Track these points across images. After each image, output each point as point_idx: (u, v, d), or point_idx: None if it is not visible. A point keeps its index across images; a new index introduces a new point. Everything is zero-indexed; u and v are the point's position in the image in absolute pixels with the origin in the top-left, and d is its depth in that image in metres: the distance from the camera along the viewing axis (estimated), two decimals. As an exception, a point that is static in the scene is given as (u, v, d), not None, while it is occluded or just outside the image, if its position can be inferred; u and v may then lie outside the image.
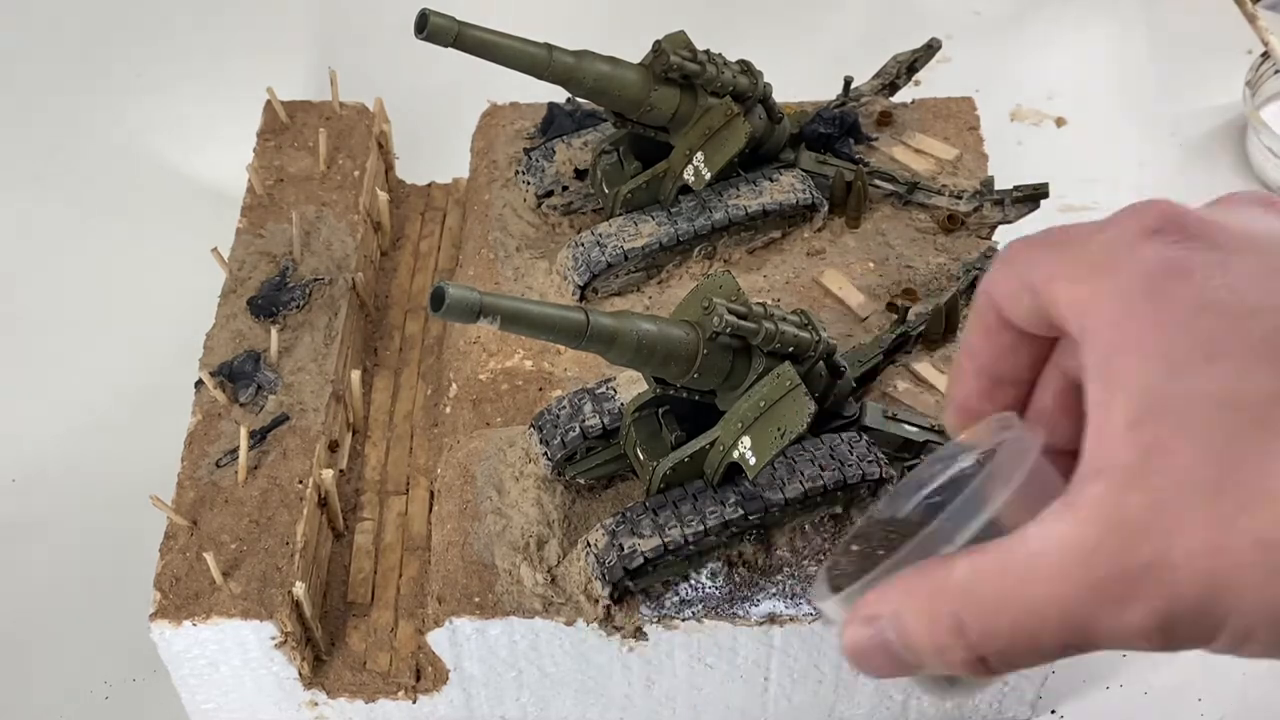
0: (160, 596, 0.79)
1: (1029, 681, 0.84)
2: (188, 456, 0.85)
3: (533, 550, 0.79)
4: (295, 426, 0.86)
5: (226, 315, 0.92)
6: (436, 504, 0.83)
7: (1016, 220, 0.94)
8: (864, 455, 0.79)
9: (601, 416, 0.80)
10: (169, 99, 1.29)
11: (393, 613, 0.85)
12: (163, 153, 1.25)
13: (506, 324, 0.65)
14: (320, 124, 1.03)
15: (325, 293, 0.93)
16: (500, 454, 0.83)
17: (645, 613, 0.78)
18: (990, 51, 1.32)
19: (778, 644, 0.80)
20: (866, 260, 0.93)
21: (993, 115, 1.16)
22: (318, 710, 0.85)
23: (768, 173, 0.94)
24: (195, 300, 0.99)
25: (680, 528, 0.75)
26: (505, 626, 0.78)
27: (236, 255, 0.95)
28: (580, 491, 0.82)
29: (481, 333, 0.90)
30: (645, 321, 0.71)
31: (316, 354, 0.90)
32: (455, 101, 1.18)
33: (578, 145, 0.96)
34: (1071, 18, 1.34)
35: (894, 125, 1.00)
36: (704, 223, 0.91)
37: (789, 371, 0.73)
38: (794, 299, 0.91)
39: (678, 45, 0.88)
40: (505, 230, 0.95)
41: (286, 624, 0.78)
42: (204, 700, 0.85)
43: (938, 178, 0.97)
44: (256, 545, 0.81)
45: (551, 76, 0.85)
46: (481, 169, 1.00)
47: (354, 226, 0.97)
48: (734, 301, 0.74)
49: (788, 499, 0.77)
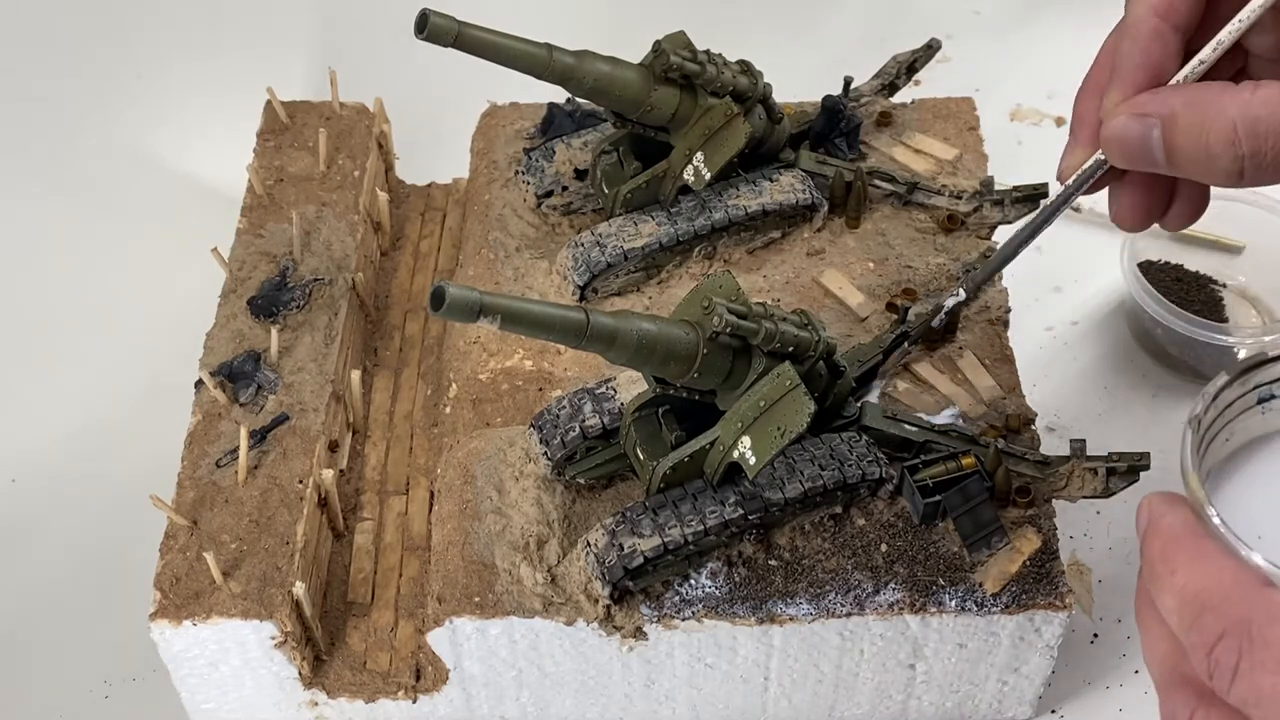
0: (160, 596, 0.79)
1: (1029, 682, 0.84)
2: (188, 456, 0.85)
3: (533, 550, 0.79)
4: (295, 426, 0.86)
5: (226, 315, 0.92)
6: (436, 504, 0.83)
7: (1016, 220, 0.94)
8: (864, 455, 0.79)
9: (601, 416, 0.80)
10: (169, 99, 1.29)
11: (393, 613, 0.85)
12: (163, 153, 1.25)
13: (506, 324, 0.65)
14: (320, 124, 1.03)
15: (325, 293, 0.93)
16: (500, 454, 0.83)
17: (645, 613, 0.78)
18: (990, 51, 1.32)
19: (778, 644, 0.80)
20: (866, 260, 0.93)
21: (992, 115, 1.16)
22: (318, 710, 0.85)
23: (768, 173, 0.94)
24: (195, 300, 0.99)
25: (680, 527, 0.76)
26: (505, 626, 0.78)
27: (236, 255, 0.95)
28: (580, 491, 0.82)
29: (481, 333, 0.90)
30: (645, 321, 0.71)
31: (316, 354, 0.90)
32: (455, 101, 1.17)
33: (578, 145, 0.96)
34: (1071, 18, 1.34)
35: (894, 125, 1.01)
36: (704, 223, 0.91)
37: (789, 371, 0.73)
38: (794, 299, 0.91)
39: (678, 45, 0.88)
40: (505, 230, 0.95)
41: (286, 624, 0.78)
42: (204, 700, 0.85)
43: (937, 178, 0.97)
44: (256, 545, 0.81)
45: (551, 76, 0.85)
46: (481, 169, 1.00)
47: (354, 226, 0.97)
48: (734, 301, 0.74)
49: (788, 499, 0.77)
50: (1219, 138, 0.57)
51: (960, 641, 0.80)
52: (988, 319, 0.90)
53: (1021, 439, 0.83)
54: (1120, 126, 0.60)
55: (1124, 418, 1.05)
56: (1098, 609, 0.94)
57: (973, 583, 0.78)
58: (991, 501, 0.78)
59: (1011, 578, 0.78)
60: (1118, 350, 1.09)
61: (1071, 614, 0.79)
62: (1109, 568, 0.96)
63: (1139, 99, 0.60)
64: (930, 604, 0.78)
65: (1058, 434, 1.02)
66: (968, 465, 0.78)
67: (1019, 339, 0.90)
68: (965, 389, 0.86)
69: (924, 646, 0.81)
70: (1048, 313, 1.11)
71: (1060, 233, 1.16)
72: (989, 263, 0.80)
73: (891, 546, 0.79)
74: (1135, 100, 0.60)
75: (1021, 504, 0.80)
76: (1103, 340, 1.10)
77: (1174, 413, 1.05)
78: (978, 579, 0.78)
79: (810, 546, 0.79)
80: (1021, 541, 0.79)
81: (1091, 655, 0.92)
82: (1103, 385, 1.07)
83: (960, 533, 0.79)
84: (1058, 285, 1.12)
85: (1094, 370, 1.08)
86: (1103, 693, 0.91)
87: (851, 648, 0.81)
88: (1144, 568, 0.54)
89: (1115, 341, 1.10)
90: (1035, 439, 0.84)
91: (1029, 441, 0.84)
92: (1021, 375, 0.87)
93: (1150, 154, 0.60)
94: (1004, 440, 0.81)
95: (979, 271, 0.82)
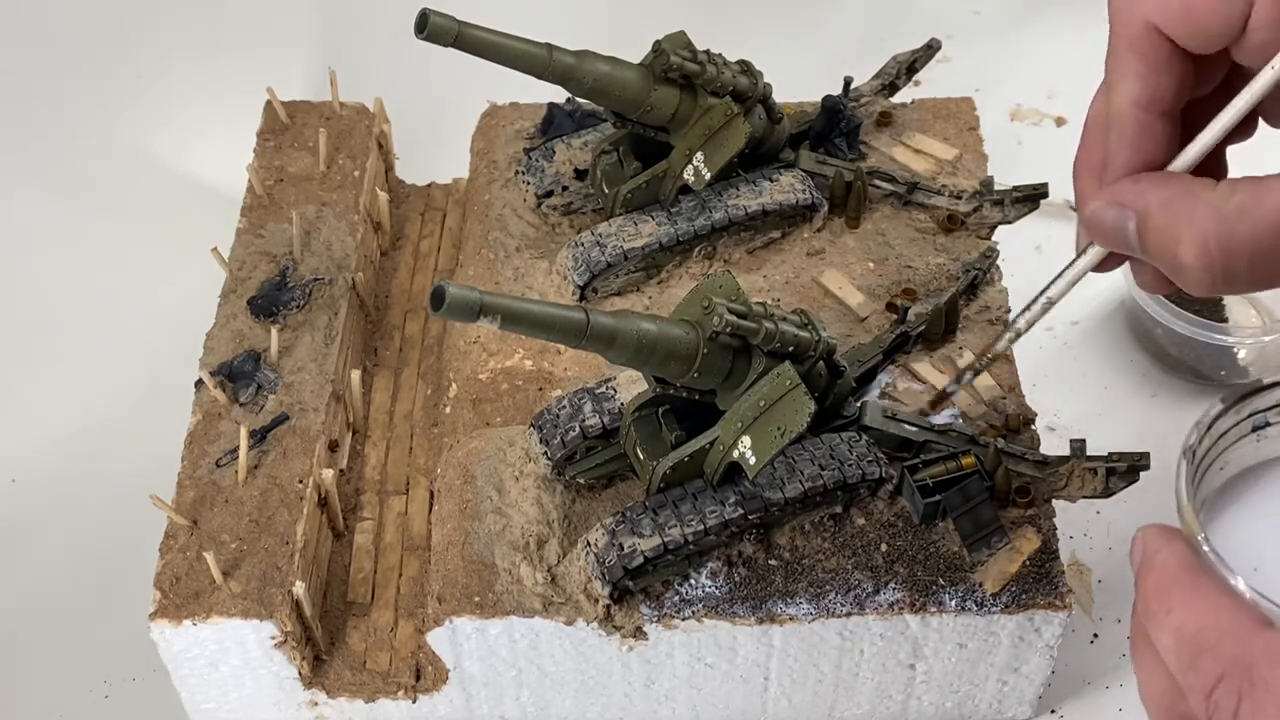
0: (160, 596, 0.79)
1: (1029, 682, 0.84)
2: (188, 456, 0.85)
3: (533, 550, 0.79)
4: (295, 426, 0.86)
5: (226, 315, 0.92)
6: (436, 504, 0.83)
7: (1016, 220, 0.94)
8: (864, 455, 0.79)
9: (601, 416, 0.80)
10: (169, 99, 1.29)
11: (393, 612, 0.85)
12: (163, 153, 1.25)
13: (506, 323, 0.65)
14: (320, 124, 1.03)
15: (325, 293, 0.93)
16: (500, 454, 0.83)
17: (645, 612, 0.78)
18: (990, 51, 1.32)
19: (777, 644, 0.80)
20: (866, 260, 0.93)
21: (992, 115, 1.16)
22: (317, 710, 0.85)
23: (768, 173, 0.94)
24: (195, 300, 0.99)
25: (680, 527, 0.76)
26: (505, 626, 0.78)
27: (236, 255, 0.95)
28: (580, 491, 0.82)
29: (481, 333, 0.90)
30: (645, 321, 0.71)
31: (316, 354, 0.90)
32: (455, 101, 1.17)
33: (578, 145, 0.96)
34: (1071, 18, 1.34)
35: (894, 125, 1.01)
36: (704, 223, 0.91)
37: (789, 371, 0.73)
38: (794, 299, 0.91)
39: (678, 45, 0.88)
40: (505, 230, 0.95)
41: (286, 624, 0.78)
42: (204, 700, 0.85)
43: (937, 178, 0.97)
44: (256, 545, 0.81)
45: (551, 76, 0.85)
46: (481, 169, 1.00)
47: (354, 226, 0.97)
48: (734, 301, 0.74)
49: (788, 499, 0.77)
50: (1190, 249, 0.54)
51: (960, 641, 0.80)
52: (988, 319, 0.90)
53: (1021, 439, 0.83)
54: (1097, 213, 0.58)
55: (1124, 418, 1.05)
56: (1098, 609, 0.94)
57: (973, 583, 0.78)
58: (991, 501, 0.78)
59: (1011, 578, 0.78)
60: (1118, 350, 1.09)
61: (1071, 614, 0.79)
62: (1109, 568, 0.96)
63: (1118, 186, 0.57)
64: (930, 604, 0.78)
65: (1058, 434, 1.02)
66: (968, 465, 0.78)
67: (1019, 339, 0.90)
68: (965, 389, 0.86)
69: (924, 646, 0.81)
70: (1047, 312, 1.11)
71: (1060, 233, 1.16)
72: (999, 337, 0.75)
73: (891, 546, 0.79)
74: (1115, 187, 0.58)
75: (1021, 504, 0.80)
76: (1103, 340, 1.10)
77: (1174, 413, 1.05)
78: (978, 579, 0.78)
79: (810, 546, 0.79)
80: (1021, 541, 0.79)
81: (1091, 655, 0.92)
82: (1103, 385, 1.07)
83: (960, 533, 0.79)
84: (1058, 285, 1.12)
85: (1094, 370, 1.08)
86: (1103, 693, 0.91)
87: (851, 648, 0.81)
88: (1139, 604, 0.53)
89: (1115, 341, 1.10)
90: (1035, 439, 0.84)
91: (1029, 441, 0.84)
92: (1021, 375, 0.87)
93: (1127, 243, 0.57)
94: (1004, 440, 0.81)
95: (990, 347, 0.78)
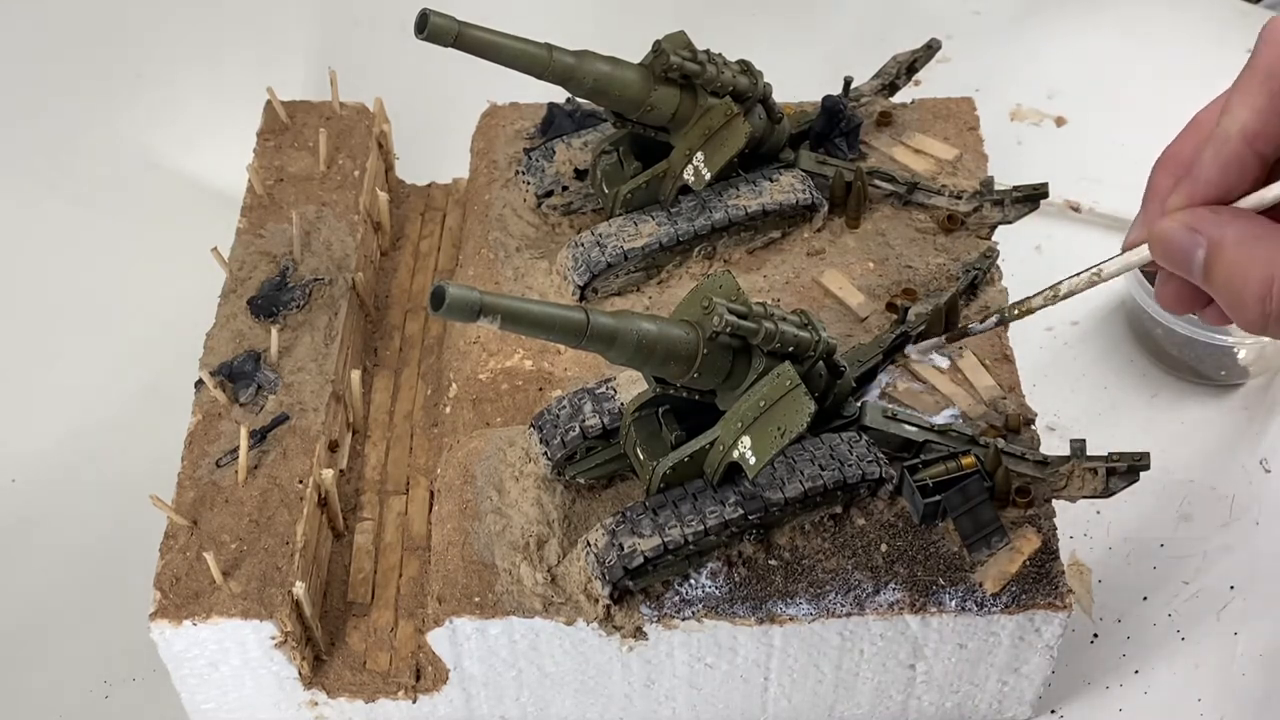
0: (160, 596, 0.79)
1: (1029, 682, 0.84)
2: (188, 456, 0.85)
3: (533, 550, 0.79)
4: (295, 426, 0.86)
5: (226, 315, 0.92)
6: (436, 504, 0.83)
7: (1016, 220, 0.94)
8: (864, 455, 0.79)
9: (601, 416, 0.80)
10: (168, 99, 1.29)
11: (393, 613, 0.85)
12: (163, 153, 1.25)
13: (506, 323, 0.65)
14: (320, 124, 1.03)
15: (325, 293, 0.93)
16: (500, 454, 0.83)
17: (645, 613, 0.78)
18: (990, 51, 1.32)
19: (778, 644, 0.80)
20: (866, 260, 0.93)
21: (992, 115, 1.16)
22: (317, 710, 0.85)
23: (768, 173, 0.94)
24: (195, 300, 0.99)
25: (680, 527, 0.76)
26: (505, 626, 0.78)
27: (236, 255, 0.95)
28: (580, 491, 0.82)
29: (481, 333, 0.90)
30: (645, 321, 0.71)
31: (316, 354, 0.90)
32: (455, 101, 1.17)
33: (578, 145, 0.96)
34: (1071, 18, 1.34)
35: (894, 125, 1.00)
36: (704, 223, 0.91)
37: (789, 371, 0.73)
38: (794, 299, 0.91)
39: (678, 45, 0.88)
40: (505, 230, 0.95)
41: (286, 624, 0.78)
42: (204, 700, 0.85)
43: (937, 178, 0.97)
44: (256, 545, 0.81)
45: (551, 76, 0.85)
46: (481, 169, 1.00)
47: (354, 226, 0.97)
48: (734, 301, 0.74)
49: (788, 499, 0.77)
50: (1253, 291, 0.56)
51: (960, 641, 0.80)
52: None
53: (1021, 439, 0.83)
54: (1170, 232, 0.59)
55: (1124, 418, 1.05)
56: (1098, 609, 0.94)
57: (973, 583, 0.78)
58: (991, 501, 0.78)
59: (1011, 578, 0.78)
60: (1118, 350, 1.09)
61: (1071, 614, 0.79)
62: (1109, 568, 0.96)
63: (1198, 213, 0.59)
64: (930, 604, 0.78)
65: (1058, 434, 1.02)
66: (968, 465, 0.78)
67: (1019, 339, 0.90)
68: (965, 389, 0.86)
69: (924, 646, 0.81)
70: (1048, 313, 1.10)
71: (1060, 233, 1.16)
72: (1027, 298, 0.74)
73: (891, 546, 0.79)
74: (1195, 212, 0.59)
75: (1021, 504, 0.80)
76: (1103, 340, 1.10)
77: (1174, 413, 1.05)
78: (978, 579, 0.78)
79: (810, 546, 0.79)
80: (1021, 541, 0.79)
81: (1091, 655, 0.92)
82: (1103, 385, 1.07)
83: (960, 533, 0.79)
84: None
85: (1094, 370, 1.08)
86: (1103, 693, 0.91)
87: (851, 648, 0.81)
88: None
89: (1115, 341, 1.10)
90: (1035, 439, 0.84)
91: (1029, 441, 0.84)
92: (1021, 375, 0.87)
93: (1190, 268, 0.59)
94: (1004, 440, 0.81)
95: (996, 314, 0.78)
